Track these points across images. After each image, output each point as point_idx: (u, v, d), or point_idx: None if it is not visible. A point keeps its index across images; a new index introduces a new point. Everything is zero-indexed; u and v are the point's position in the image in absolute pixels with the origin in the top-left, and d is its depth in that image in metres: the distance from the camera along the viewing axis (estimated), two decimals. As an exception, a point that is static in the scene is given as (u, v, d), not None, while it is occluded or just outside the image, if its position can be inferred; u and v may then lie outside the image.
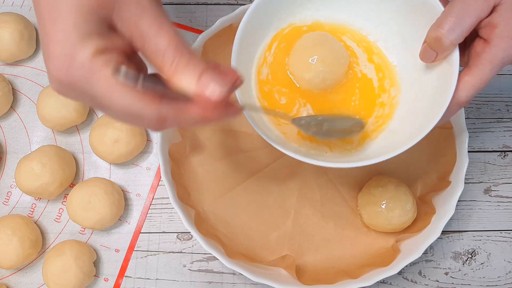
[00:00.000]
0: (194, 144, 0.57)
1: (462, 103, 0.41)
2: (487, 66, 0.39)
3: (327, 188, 0.56)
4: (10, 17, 0.59)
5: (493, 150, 0.59)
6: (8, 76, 0.61)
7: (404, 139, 0.42)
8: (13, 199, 0.58)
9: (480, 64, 0.39)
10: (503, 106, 0.61)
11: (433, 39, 0.40)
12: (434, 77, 0.44)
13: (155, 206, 0.58)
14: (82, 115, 0.58)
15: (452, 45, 0.40)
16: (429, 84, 0.44)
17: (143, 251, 0.56)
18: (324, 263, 0.53)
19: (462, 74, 0.41)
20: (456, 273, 0.56)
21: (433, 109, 0.42)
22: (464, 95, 0.40)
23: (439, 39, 0.40)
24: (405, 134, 0.44)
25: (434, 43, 0.40)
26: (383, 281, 0.55)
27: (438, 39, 0.40)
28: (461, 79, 0.40)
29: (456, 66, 0.41)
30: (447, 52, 0.41)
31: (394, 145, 0.43)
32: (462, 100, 0.41)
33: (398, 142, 0.43)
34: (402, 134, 0.44)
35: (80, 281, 0.52)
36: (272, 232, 0.55)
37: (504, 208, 0.58)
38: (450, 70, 0.41)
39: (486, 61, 0.39)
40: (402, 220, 0.51)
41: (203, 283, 0.55)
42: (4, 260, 0.52)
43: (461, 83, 0.40)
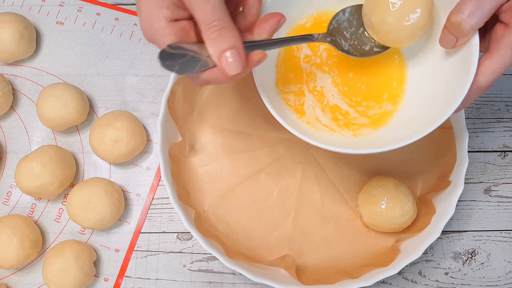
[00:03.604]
0: (194, 144, 0.57)
1: (482, 88, 0.41)
2: (508, 51, 0.39)
3: (327, 188, 0.56)
4: (10, 17, 0.59)
5: (493, 150, 0.59)
6: (8, 76, 0.61)
7: (422, 125, 0.42)
8: (13, 199, 0.58)
9: (501, 49, 0.39)
10: (503, 106, 0.61)
11: (453, 24, 0.40)
12: (453, 63, 0.43)
13: (155, 206, 0.58)
14: (82, 115, 0.58)
15: (472, 30, 0.40)
16: (448, 69, 0.44)
17: (143, 251, 0.56)
18: (324, 263, 0.53)
19: (482, 59, 0.40)
20: (456, 273, 0.56)
21: (453, 95, 0.41)
22: (485, 80, 0.40)
23: (459, 24, 0.39)
24: (423, 120, 0.43)
25: (454, 28, 0.40)
26: (383, 281, 0.55)
27: (458, 24, 0.39)
28: (481, 64, 0.40)
29: (476, 51, 0.40)
30: (467, 37, 0.41)
31: (412, 131, 0.42)
32: (483, 85, 0.40)
33: (415, 129, 0.42)
34: (419, 120, 0.44)
35: (80, 281, 0.52)
36: (272, 232, 0.55)
37: (504, 208, 0.58)
38: (470, 55, 0.41)
39: (506, 45, 0.39)
40: (402, 220, 0.51)
41: (203, 283, 0.55)
42: (4, 260, 0.52)
43: (481, 68, 0.40)
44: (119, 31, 0.63)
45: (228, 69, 0.37)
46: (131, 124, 0.56)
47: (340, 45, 0.45)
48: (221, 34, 0.36)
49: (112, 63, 0.62)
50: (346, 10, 0.45)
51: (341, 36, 0.45)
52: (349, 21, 0.46)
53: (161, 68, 0.63)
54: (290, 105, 0.47)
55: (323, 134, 0.46)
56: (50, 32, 0.63)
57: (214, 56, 0.37)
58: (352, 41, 0.45)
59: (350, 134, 0.47)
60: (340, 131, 0.47)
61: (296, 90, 0.48)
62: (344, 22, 0.46)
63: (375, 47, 0.45)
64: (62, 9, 0.64)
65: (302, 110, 0.47)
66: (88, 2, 0.64)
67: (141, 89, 0.61)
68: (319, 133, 0.46)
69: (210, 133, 0.57)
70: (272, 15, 0.39)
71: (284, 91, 0.48)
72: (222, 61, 0.37)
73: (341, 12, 0.45)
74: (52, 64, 0.62)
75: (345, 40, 0.45)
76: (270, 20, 0.39)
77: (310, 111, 0.47)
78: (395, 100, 0.47)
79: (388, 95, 0.47)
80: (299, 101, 0.48)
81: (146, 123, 0.60)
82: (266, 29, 0.39)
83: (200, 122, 0.57)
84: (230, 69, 0.37)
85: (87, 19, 0.63)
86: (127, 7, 0.64)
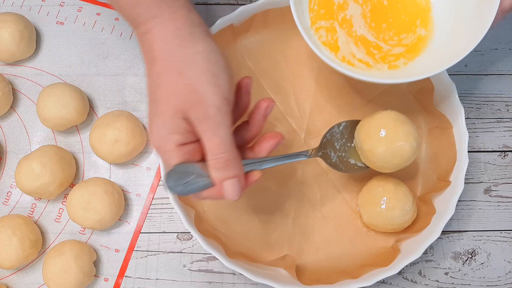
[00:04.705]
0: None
1: (505, 10, 0.44)
2: None
3: (327, 188, 0.56)
4: (10, 17, 0.59)
5: (493, 150, 0.59)
6: (8, 76, 0.61)
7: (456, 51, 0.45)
8: (13, 199, 0.58)
9: None
10: (503, 106, 0.61)
11: None
12: None
13: (155, 206, 0.58)
14: (82, 115, 0.58)
15: None
16: None
17: (143, 251, 0.56)
18: (324, 263, 0.53)
19: None
20: (456, 273, 0.56)
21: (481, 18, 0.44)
22: (508, 3, 0.44)
23: None
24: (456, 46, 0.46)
25: None
26: (383, 281, 0.55)
27: None
28: None
29: None
30: None
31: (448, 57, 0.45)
32: (506, 8, 0.44)
33: (451, 55, 0.46)
34: (453, 46, 0.47)
35: (80, 281, 0.52)
36: (272, 232, 0.55)
37: (504, 208, 0.58)
38: None
39: None
40: (402, 220, 0.51)
41: (203, 283, 0.55)
42: (4, 260, 0.52)
43: None
44: (119, 31, 0.63)
45: (228, 195, 0.40)
46: (131, 124, 0.56)
47: (329, 157, 0.50)
48: (226, 165, 0.40)
49: (112, 63, 0.62)
50: (342, 124, 0.51)
51: (332, 148, 0.50)
52: (342, 134, 0.51)
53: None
54: (323, 42, 0.51)
55: (360, 69, 0.50)
56: (50, 32, 0.63)
57: (216, 181, 0.40)
58: (340, 152, 0.51)
59: (385, 67, 0.50)
60: (376, 65, 0.50)
61: (327, 26, 0.51)
62: (337, 134, 0.51)
63: (359, 163, 0.51)
64: (62, 9, 0.64)
65: (336, 46, 0.51)
66: (88, 2, 0.64)
67: (141, 89, 0.61)
68: (356, 68, 0.50)
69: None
70: (273, 135, 0.44)
71: (317, 27, 0.51)
72: (224, 187, 0.40)
73: (337, 125, 0.51)
74: (52, 64, 0.62)
75: (334, 151, 0.50)
76: (271, 140, 0.44)
77: (344, 47, 0.50)
78: (427, 27, 0.51)
79: (420, 20, 0.51)
80: (332, 37, 0.51)
81: (146, 123, 0.60)
82: (266, 148, 0.44)
83: (200, 122, 0.57)
84: (231, 195, 0.40)
85: (87, 19, 0.63)
86: (127, 7, 0.64)
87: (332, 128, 0.51)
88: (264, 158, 0.44)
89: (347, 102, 0.58)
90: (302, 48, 0.59)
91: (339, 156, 0.51)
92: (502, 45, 0.63)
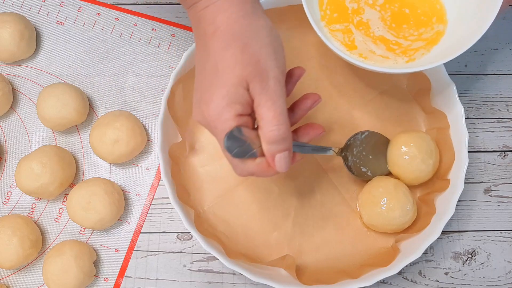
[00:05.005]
0: (194, 144, 0.57)
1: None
2: None
3: (327, 188, 0.56)
4: (10, 17, 0.59)
5: (493, 150, 0.59)
6: (8, 76, 0.61)
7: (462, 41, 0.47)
8: (13, 199, 0.58)
9: None
10: (503, 106, 0.61)
11: None
12: None
13: (155, 206, 0.58)
14: (82, 115, 0.58)
15: None
16: None
17: (143, 251, 0.56)
18: (324, 263, 0.53)
19: None
20: (456, 273, 0.56)
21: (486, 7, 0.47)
22: None
23: None
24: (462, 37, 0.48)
25: None
26: (383, 281, 0.55)
27: None
28: None
29: None
30: None
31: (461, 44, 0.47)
32: None
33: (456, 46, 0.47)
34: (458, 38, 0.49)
35: (80, 281, 0.52)
36: (272, 232, 0.55)
37: (504, 208, 0.58)
38: None
39: None
40: (402, 220, 0.51)
41: (203, 283, 0.55)
42: (4, 260, 0.52)
43: None
44: (119, 31, 0.63)
45: (279, 167, 0.41)
46: (131, 124, 0.56)
47: (347, 160, 0.54)
48: (282, 138, 0.40)
49: (112, 63, 0.62)
50: (365, 132, 0.54)
51: (351, 152, 0.54)
52: (361, 141, 0.54)
53: (161, 68, 0.63)
54: (338, 39, 0.52)
55: (375, 62, 0.51)
56: (50, 32, 0.63)
57: (268, 153, 0.41)
58: (355, 158, 0.54)
59: (404, 60, 0.51)
60: (394, 57, 0.51)
61: (342, 28, 0.52)
62: (357, 141, 0.54)
63: (368, 172, 0.54)
64: (62, 9, 0.64)
65: (353, 45, 0.52)
66: (88, 2, 0.64)
67: (141, 89, 0.61)
68: (372, 61, 0.51)
69: (210, 133, 0.57)
70: (318, 126, 0.47)
71: (331, 29, 0.52)
72: (276, 159, 0.41)
73: (360, 133, 0.54)
74: (52, 64, 0.62)
75: (352, 156, 0.54)
76: (317, 129, 0.46)
77: (362, 46, 0.52)
78: (443, 20, 0.52)
79: (436, 18, 0.53)
80: (348, 38, 0.52)
81: (146, 123, 0.60)
82: (311, 134, 0.46)
83: (200, 122, 0.57)
84: (282, 168, 0.41)
85: (87, 19, 0.63)
86: (127, 7, 0.64)
87: (356, 134, 0.54)
88: (304, 143, 0.47)
89: (347, 102, 0.58)
90: (301, 48, 0.59)
91: (354, 161, 0.54)
92: (502, 45, 0.62)
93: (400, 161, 0.53)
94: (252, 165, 0.42)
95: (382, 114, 0.58)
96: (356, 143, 0.54)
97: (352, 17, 0.53)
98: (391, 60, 0.51)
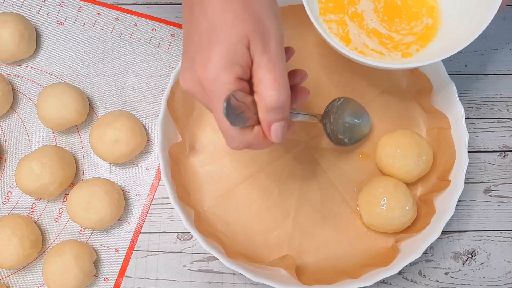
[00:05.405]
0: (194, 144, 0.57)
1: None
2: None
3: (327, 188, 0.56)
4: (10, 17, 0.59)
5: (493, 150, 0.59)
6: (8, 76, 0.61)
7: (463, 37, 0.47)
8: (13, 199, 0.58)
9: None
10: (503, 106, 0.61)
11: None
12: None
13: (155, 206, 0.58)
14: (82, 115, 0.58)
15: None
16: None
17: (143, 251, 0.56)
18: (324, 263, 0.53)
19: None
20: (456, 273, 0.56)
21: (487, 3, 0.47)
22: None
23: None
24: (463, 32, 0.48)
25: None
26: (383, 281, 0.55)
27: None
28: None
29: None
30: None
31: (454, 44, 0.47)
32: None
33: (457, 41, 0.47)
34: (459, 33, 0.49)
35: (80, 281, 0.52)
36: (272, 232, 0.54)
37: (504, 208, 0.58)
38: None
39: None
40: (402, 220, 0.51)
41: (203, 283, 0.55)
42: (4, 260, 0.52)
43: None
44: (119, 31, 0.63)
45: (275, 138, 0.39)
46: (131, 124, 0.56)
47: (326, 127, 0.54)
48: (282, 104, 0.37)
49: (112, 63, 0.62)
50: (341, 99, 0.55)
51: (328, 119, 0.54)
52: (337, 108, 0.55)
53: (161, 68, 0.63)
54: (334, 33, 0.51)
55: (372, 58, 0.51)
56: (50, 32, 0.63)
57: (265, 122, 0.38)
58: (333, 126, 0.54)
59: (399, 55, 0.51)
60: (389, 53, 0.51)
61: (337, 19, 0.52)
62: (334, 108, 0.54)
63: (345, 139, 0.55)
64: (62, 9, 0.64)
65: (348, 38, 0.51)
66: (88, 2, 0.64)
67: (141, 89, 0.61)
68: (368, 57, 0.51)
69: (210, 133, 0.57)
70: (304, 89, 0.44)
71: (326, 20, 0.52)
72: (272, 129, 0.38)
73: (337, 99, 0.55)
74: (52, 64, 0.62)
75: (329, 123, 0.54)
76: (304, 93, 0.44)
77: (356, 39, 0.51)
78: (432, 15, 0.52)
79: (426, 9, 0.53)
80: (343, 30, 0.52)
81: (146, 123, 0.60)
82: (297, 101, 0.43)
83: (200, 122, 0.57)
84: (278, 138, 0.39)
85: (87, 19, 0.63)
86: (127, 7, 0.64)
87: (333, 101, 0.55)
88: (293, 110, 0.45)
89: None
90: (302, 48, 0.59)
91: (331, 128, 0.54)
92: (502, 45, 0.62)
93: (383, 161, 0.54)
94: (251, 135, 0.39)
95: (382, 114, 0.58)
96: (333, 110, 0.54)
97: (348, 8, 0.52)
98: (387, 56, 0.51)
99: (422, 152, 0.53)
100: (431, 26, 0.52)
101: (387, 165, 0.54)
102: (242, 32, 0.36)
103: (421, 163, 0.53)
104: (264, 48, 0.37)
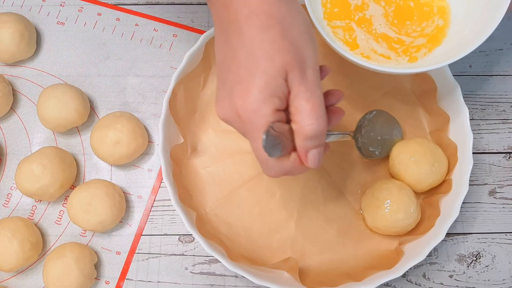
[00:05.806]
0: (196, 145, 0.56)
1: None
2: None
3: (330, 190, 0.55)
4: (10, 17, 0.59)
5: (498, 151, 0.59)
6: (8, 77, 0.61)
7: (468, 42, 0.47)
8: (13, 201, 0.58)
9: None
10: (508, 107, 0.60)
11: None
12: None
13: (157, 208, 0.57)
14: (83, 116, 0.57)
15: None
16: None
17: (145, 254, 0.56)
18: (328, 265, 0.53)
19: None
20: (461, 276, 0.55)
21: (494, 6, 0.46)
22: None
23: None
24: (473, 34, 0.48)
25: None
26: (387, 284, 0.55)
27: None
28: None
29: None
30: None
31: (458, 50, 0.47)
32: None
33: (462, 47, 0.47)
34: (464, 38, 0.48)
35: (81, 284, 0.52)
36: (275, 234, 0.54)
37: (509, 210, 0.57)
38: None
39: None
40: (406, 223, 0.51)
41: (205, 286, 0.55)
42: (4, 263, 0.52)
43: None
44: (120, 32, 0.63)
45: (313, 164, 0.39)
46: (132, 126, 0.55)
47: (357, 142, 0.53)
48: (321, 132, 0.38)
49: (113, 64, 0.61)
50: (373, 112, 0.54)
51: (359, 133, 0.54)
52: (369, 121, 0.54)
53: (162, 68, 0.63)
54: (340, 38, 0.51)
55: (377, 62, 0.50)
56: (50, 33, 0.63)
57: (302, 149, 0.38)
58: (364, 139, 0.54)
59: (406, 59, 0.50)
60: (396, 57, 0.50)
61: (343, 25, 0.51)
62: (365, 121, 0.54)
63: (377, 152, 0.54)
64: (62, 9, 0.63)
65: (355, 44, 0.51)
66: (89, 2, 0.64)
67: (142, 90, 0.61)
68: (373, 61, 0.50)
69: (212, 134, 0.56)
70: (339, 109, 0.43)
71: (332, 26, 0.51)
72: (309, 155, 0.38)
73: (369, 112, 0.54)
74: (53, 65, 0.62)
75: (361, 137, 0.54)
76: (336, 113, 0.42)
77: (364, 44, 0.51)
78: (444, 16, 0.52)
79: (438, 9, 0.52)
80: (349, 36, 0.51)
81: (148, 124, 0.60)
82: (332, 122, 0.42)
83: (202, 123, 0.57)
84: (315, 164, 0.39)
85: (88, 19, 0.63)
86: (128, 7, 0.64)
87: (366, 114, 0.54)
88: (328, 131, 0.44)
89: (350, 104, 0.57)
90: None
91: (362, 142, 0.54)
92: (507, 45, 0.62)
93: (396, 168, 0.53)
94: (288, 163, 0.39)
95: (386, 115, 0.57)
96: (365, 124, 0.54)
97: (354, 13, 0.52)
98: (393, 61, 0.50)
99: (436, 161, 0.52)
100: (442, 28, 0.51)
101: (399, 172, 0.53)
102: (280, 64, 0.36)
103: (434, 173, 0.52)
104: (301, 78, 0.37)
